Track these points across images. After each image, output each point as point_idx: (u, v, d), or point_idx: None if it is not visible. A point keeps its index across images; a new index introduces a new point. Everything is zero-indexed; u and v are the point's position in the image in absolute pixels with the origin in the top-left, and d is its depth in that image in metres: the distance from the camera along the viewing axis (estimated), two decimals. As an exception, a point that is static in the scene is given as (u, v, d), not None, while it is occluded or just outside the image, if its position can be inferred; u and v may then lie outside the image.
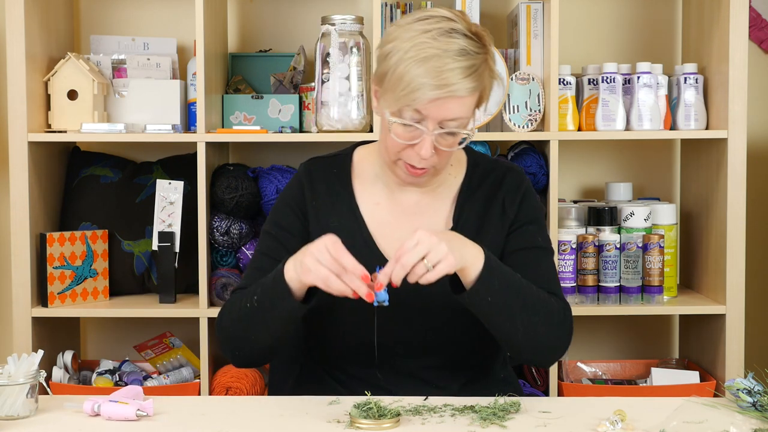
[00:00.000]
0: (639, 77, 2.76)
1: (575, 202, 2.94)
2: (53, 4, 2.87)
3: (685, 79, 2.80)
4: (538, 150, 2.84)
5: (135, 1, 3.09)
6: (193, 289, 2.86)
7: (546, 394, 2.76)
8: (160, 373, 2.85)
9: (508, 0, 3.08)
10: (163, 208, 2.79)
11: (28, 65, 2.70)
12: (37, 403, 1.71)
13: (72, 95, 2.77)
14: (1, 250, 3.12)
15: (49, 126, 2.81)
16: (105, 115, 2.86)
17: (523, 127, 2.76)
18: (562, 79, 2.78)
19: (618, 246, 2.74)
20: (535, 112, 2.75)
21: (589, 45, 3.10)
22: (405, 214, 1.94)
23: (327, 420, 1.65)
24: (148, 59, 2.90)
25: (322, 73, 2.73)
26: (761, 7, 3.12)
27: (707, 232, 2.85)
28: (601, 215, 2.79)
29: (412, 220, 1.93)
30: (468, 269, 1.70)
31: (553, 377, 2.75)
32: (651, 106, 2.76)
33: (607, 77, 2.75)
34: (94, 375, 2.82)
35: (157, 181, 2.82)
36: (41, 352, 1.73)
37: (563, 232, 2.77)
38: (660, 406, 1.71)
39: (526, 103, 2.75)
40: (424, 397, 1.76)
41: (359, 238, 1.91)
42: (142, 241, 2.88)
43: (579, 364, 2.93)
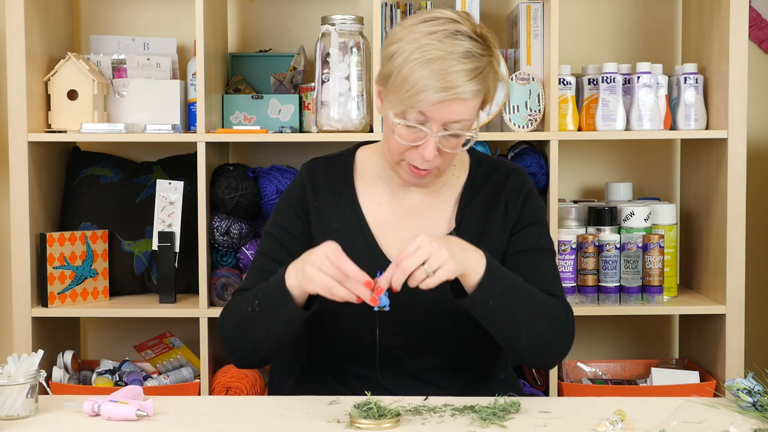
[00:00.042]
0: (639, 77, 2.76)
1: (575, 202, 2.94)
2: (53, 4, 2.87)
3: (685, 79, 2.80)
4: (538, 150, 2.84)
5: (135, 1, 3.09)
6: (193, 289, 2.86)
7: (546, 394, 2.76)
8: (160, 373, 2.85)
9: (508, 0, 3.08)
10: (163, 208, 2.79)
11: (28, 65, 2.70)
12: (37, 403, 1.71)
13: (72, 95, 2.77)
14: (1, 250, 3.12)
15: (49, 126, 2.81)
16: (105, 115, 2.86)
17: (523, 127, 2.76)
18: (562, 79, 2.78)
19: (618, 246, 2.74)
20: (535, 112, 2.75)
21: (589, 45, 3.10)
22: (407, 215, 1.94)
23: (327, 420, 1.65)
24: (148, 59, 2.90)
25: (322, 73, 2.73)
26: (761, 7, 3.12)
27: (707, 232, 2.85)
28: (601, 215, 2.79)
29: (414, 221, 1.93)
30: (469, 274, 1.70)
31: (553, 377, 2.75)
32: (651, 106, 2.76)
33: (607, 77, 2.75)
34: (94, 375, 2.82)
35: (157, 181, 2.82)
36: (41, 352, 1.73)
37: (563, 232, 2.77)
38: (660, 406, 1.71)
39: (526, 103, 2.75)
40: (424, 397, 1.76)
41: (361, 238, 1.90)
42: (142, 241, 2.88)
43: (579, 364, 2.93)
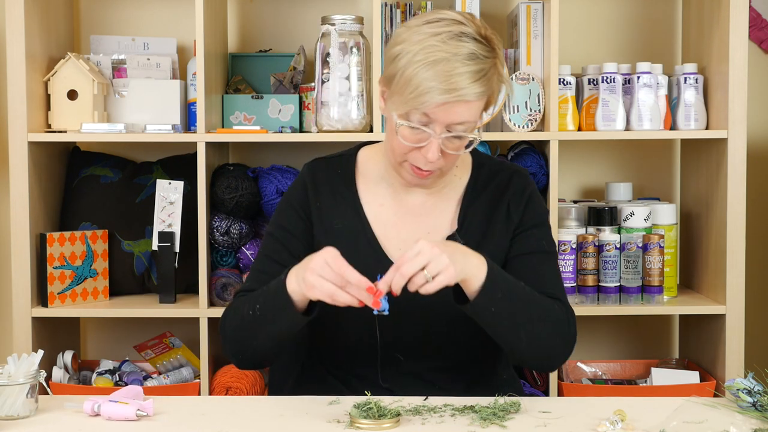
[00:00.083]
0: (639, 77, 2.76)
1: (575, 202, 2.94)
2: (53, 4, 2.87)
3: (685, 79, 2.80)
4: (538, 150, 2.84)
5: (135, 1, 3.09)
6: (193, 289, 2.86)
7: (546, 394, 2.76)
8: (160, 373, 2.85)
9: (508, 0, 3.08)
10: (163, 208, 2.79)
11: (28, 65, 2.70)
12: (37, 403, 1.71)
13: (72, 95, 2.77)
14: (1, 250, 3.12)
15: (49, 126, 2.81)
16: (105, 115, 2.86)
17: (523, 127, 2.76)
18: (562, 79, 2.78)
19: (618, 246, 2.74)
20: (535, 112, 2.75)
21: (589, 45, 3.10)
22: (410, 215, 1.93)
23: (327, 420, 1.65)
24: (148, 59, 2.90)
25: (322, 73, 2.73)
26: (761, 7, 3.12)
27: (707, 232, 2.85)
28: (601, 215, 2.79)
29: (416, 222, 1.93)
30: (470, 280, 1.70)
31: (553, 377, 2.75)
32: (651, 106, 2.76)
33: (607, 77, 2.75)
34: (94, 375, 2.82)
35: (157, 181, 2.82)
36: (41, 352, 1.73)
37: (563, 232, 2.77)
38: (660, 406, 1.71)
39: (526, 103, 2.75)
40: (424, 397, 1.76)
41: (363, 239, 1.90)
42: (142, 241, 2.88)
43: (579, 364, 2.93)
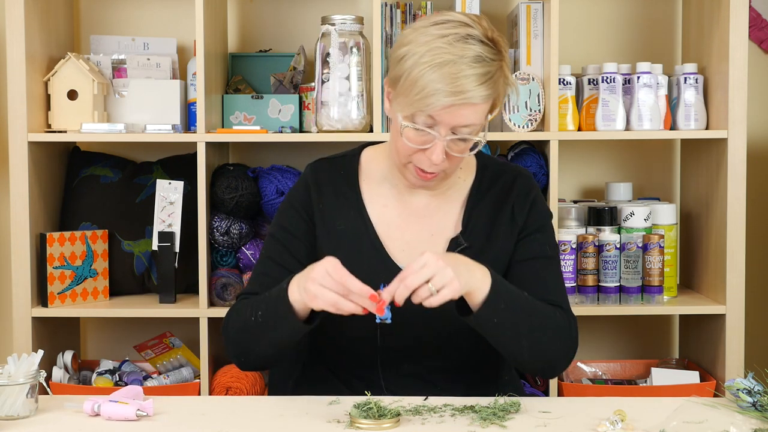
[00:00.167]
0: (639, 77, 2.76)
1: (575, 202, 2.94)
2: (53, 4, 2.87)
3: (685, 79, 2.80)
4: (538, 150, 2.84)
5: (135, 1, 3.09)
6: (193, 289, 2.86)
7: (546, 394, 2.76)
8: (160, 373, 2.85)
9: (508, 0, 3.08)
10: (163, 208, 2.79)
11: (28, 65, 2.69)
12: (37, 403, 1.71)
13: (72, 95, 2.77)
14: (1, 250, 3.12)
15: (49, 126, 2.81)
16: (105, 115, 2.85)
17: (523, 127, 2.76)
18: (562, 79, 2.78)
19: (618, 246, 2.74)
20: (535, 112, 2.75)
21: (589, 45, 3.10)
22: (413, 217, 1.93)
23: (327, 420, 1.65)
24: (148, 59, 2.90)
25: (322, 73, 2.73)
26: (761, 7, 3.12)
27: (707, 232, 2.85)
28: (601, 215, 2.79)
29: (420, 223, 1.92)
30: (474, 293, 1.70)
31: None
32: (651, 106, 2.76)
33: (607, 77, 2.75)
34: (94, 375, 2.82)
35: (157, 181, 2.81)
36: (41, 352, 1.73)
37: (563, 232, 2.77)
38: (660, 406, 1.71)
39: (526, 103, 2.75)
40: (424, 397, 1.76)
41: (366, 240, 1.90)
42: (142, 241, 2.88)
43: (579, 364, 2.93)
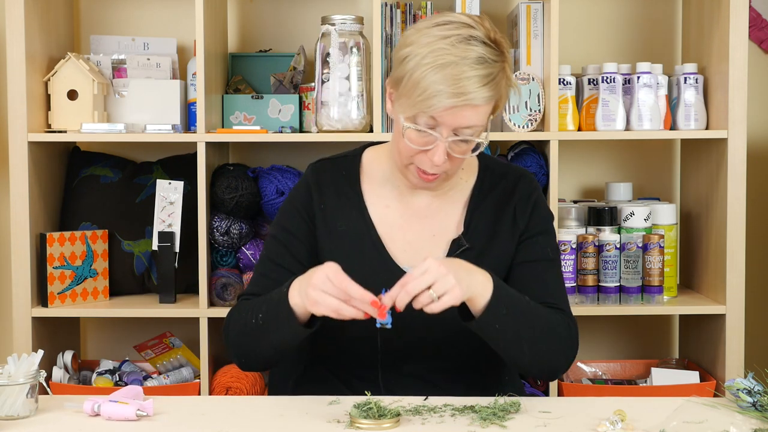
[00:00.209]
0: (639, 77, 2.76)
1: (575, 202, 2.94)
2: (53, 4, 2.87)
3: (685, 79, 2.80)
4: (538, 150, 2.84)
5: (135, 1, 3.09)
6: (193, 289, 2.86)
7: (546, 394, 2.76)
8: (160, 373, 2.85)
9: (508, 0, 3.08)
10: (163, 208, 2.79)
11: (28, 65, 2.69)
12: (37, 403, 1.71)
13: (72, 95, 2.77)
14: (1, 250, 3.12)
15: (49, 126, 2.81)
16: (105, 115, 2.86)
17: (523, 127, 2.76)
18: (562, 79, 2.78)
19: (618, 246, 2.74)
20: (535, 112, 2.75)
21: (589, 45, 3.10)
22: (415, 218, 1.93)
23: (327, 420, 1.65)
24: (148, 59, 2.90)
25: (322, 73, 2.73)
26: (761, 7, 3.12)
27: (707, 232, 2.85)
28: (601, 215, 2.79)
29: (422, 224, 1.92)
30: (476, 299, 1.70)
31: (553, 377, 2.75)
32: (651, 106, 2.76)
33: (607, 77, 2.75)
34: (94, 375, 2.82)
35: (157, 181, 2.81)
36: (41, 352, 1.73)
37: (563, 232, 2.77)
38: (660, 406, 1.71)
39: (526, 103, 2.75)
40: (424, 397, 1.76)
41: (368, 241, 1.89)
42: (142, 241, 2.88)
43: (579, 364, 2.93)
